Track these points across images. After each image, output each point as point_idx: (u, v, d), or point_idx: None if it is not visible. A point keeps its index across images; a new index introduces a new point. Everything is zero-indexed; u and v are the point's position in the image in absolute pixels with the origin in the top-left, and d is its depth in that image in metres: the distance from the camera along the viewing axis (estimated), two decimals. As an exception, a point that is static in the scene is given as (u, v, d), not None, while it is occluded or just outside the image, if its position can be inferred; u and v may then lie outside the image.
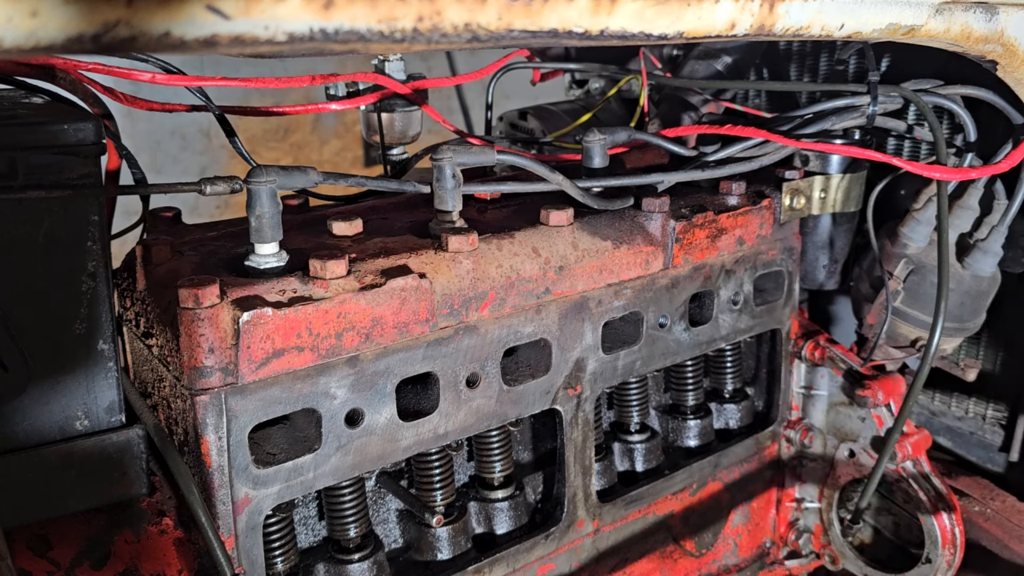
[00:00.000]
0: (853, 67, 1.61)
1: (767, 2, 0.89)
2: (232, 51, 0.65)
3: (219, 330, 0.91)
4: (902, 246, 1.42)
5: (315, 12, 0.62)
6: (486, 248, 1.11)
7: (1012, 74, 1.19)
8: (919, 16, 1.03)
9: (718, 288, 1.36)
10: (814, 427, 1.57)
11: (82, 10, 0.52)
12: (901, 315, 1.44)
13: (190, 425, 0.94)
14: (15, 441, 0.90)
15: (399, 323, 1.02)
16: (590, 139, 1.25)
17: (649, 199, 1.25)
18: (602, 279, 1.21)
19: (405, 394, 1.10)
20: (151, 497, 1.00)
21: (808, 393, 1.57)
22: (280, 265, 1.01)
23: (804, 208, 1.45)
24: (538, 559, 1.25)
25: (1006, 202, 1.36)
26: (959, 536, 1.41)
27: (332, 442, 1.01)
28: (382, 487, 1.21)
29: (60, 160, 0.86)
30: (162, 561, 0.97)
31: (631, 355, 1.28)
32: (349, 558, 1.13)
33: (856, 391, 1.49)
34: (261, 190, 0.96)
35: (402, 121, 1.41)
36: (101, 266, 0.91)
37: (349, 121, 3.71)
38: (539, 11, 0.73)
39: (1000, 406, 1.62)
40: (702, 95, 1.59)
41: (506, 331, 1.13)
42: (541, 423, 1.38)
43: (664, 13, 0.81)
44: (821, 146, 1.31)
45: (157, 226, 1.18)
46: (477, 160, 1.12)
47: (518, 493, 1.27)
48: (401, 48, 0.73)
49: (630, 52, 1.72)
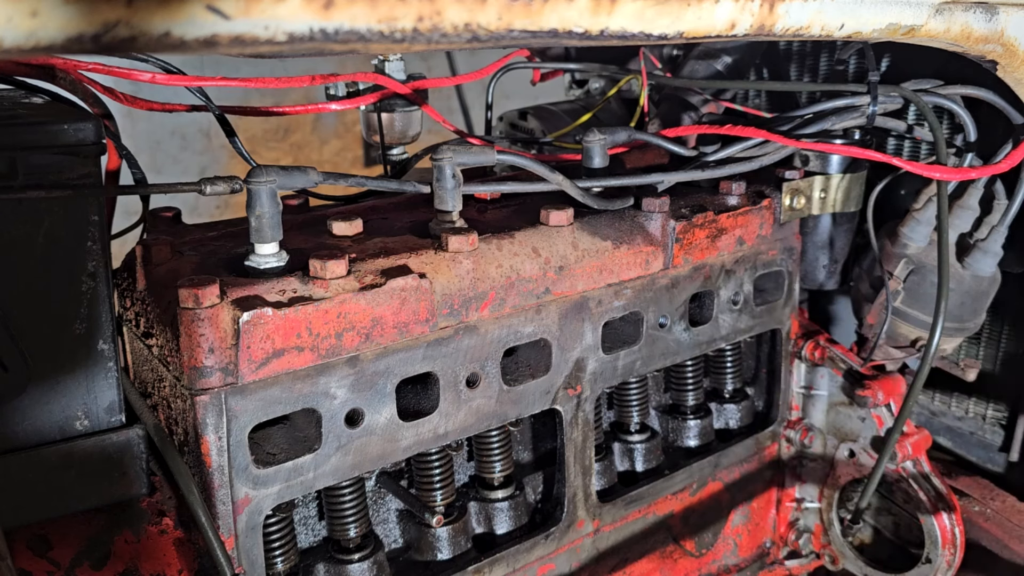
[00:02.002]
0: (853, 67, 1.61)
1: (767, 2, 0.89)
2: (232, 51, 0.65)
3: (219, 330, 0.91)
4: (902, 246, 1.42)
5: (315, 12, 0.62)
6: (486, 248, 1.11)
7: (1012, 74, 1.19)
8: (919, 16, 1.03)
9: (718, 288, 1.36)
10: (814, 427, 1.57)
11: (82, 10, 0.52)
12: (901, 315, 1.44)
13: (190, 425, 0.94)
14: (15, 441, 0.90)
15: (399, 323, 1.02)
16: (590, 139, 1.25)
17: (649, 199, 1.25)
18: (602, 279, 1.21)
19: (405, 394, 1.10)
20: (151, 497, 1.00)
21: (808, 393, 1.57)
22: (280, 265, 1.01)
23: (804, 208, 1.45)
24: (538, 559, 1.25)
25: (1006, 202, 1.36)
26: (959, 536, 1.42)
27: (332, 442, 1.01)
28: (382, 487, 1.21)
29: (60, 160, 0.86)
30: (162, 561, 0.97)
31: (631, 355, 1.28)
32: (349, 558, 1.13)
33: (856, 391, 1.49)
34: (261, 190, 0.96)
35: (402, 121, 1.41)
36: (101, 266, 0.91)
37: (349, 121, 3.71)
38: (539, 11, 0.73)
39: (1000, 406, 1.62)
40: (702, 95, 1.59)
41: (506, 331, 1.13)
42: (541, 423, 1.38)
43: (664, 13, 0.81)
44: (821, 146, 1.31)
45: (157, 226, 1.18)
46: (477, 160, 1.12)
47: (518, 493, 1.27)
48: (401, 48, 0.73)
49: (630, 52, 1.72)
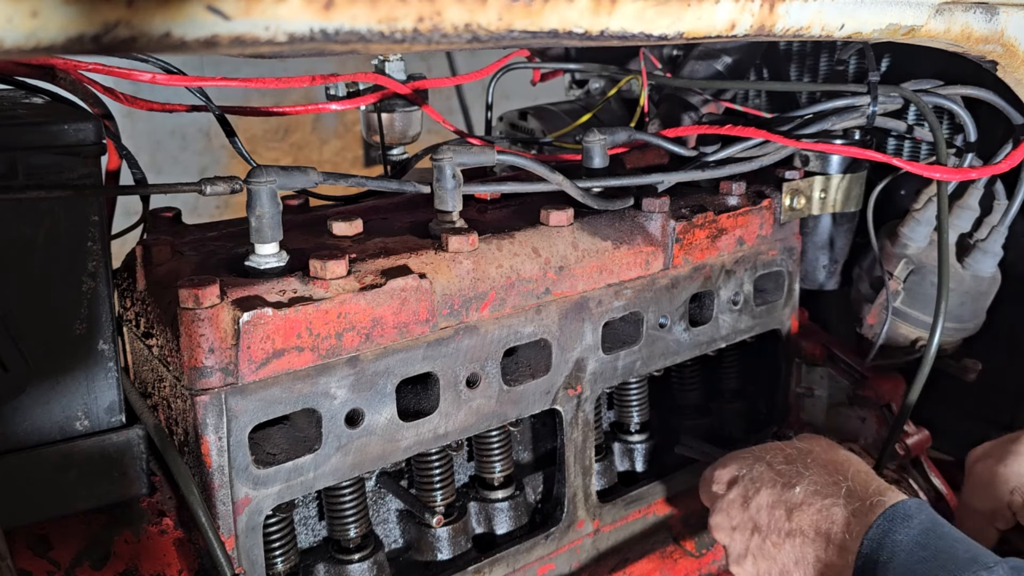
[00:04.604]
0: (853, 67, 1.61)
1: (767, 2, 0.89)
2: (232, 51, 0.65)
3: (219, 330, 0.91)
4: (902, 246, 1.42)
5: (315, 12, 0.62)
6: (486, 248, 1.11)
7: (1012, 74, 1.19)
8: (919, 16, 1.03)
9: (718, 288, 1.36)
10: (814, 427, 1.57)
11: (82, 10, 0.52)
12: (901, 315, 1.44)
13: (190, 425, 0.94)
14: (15, 441, 0.90)
15: (399, 323, 1.03)
16: (590, 139, 1.25)
17: (649, 199, 1.25)
18: (602, 279, 1.21)
19: (405, 394, 1.10)
20: (151, 497, 1.00)
21: (808, 393, 1.57)
22: (280, 265, 1.01)
23: (804, 208, 1.45)
24: (538, 559, 1.25)
25: (1006, 202, 1.36)
26: (959, 536, 1.41)
27: (332, 442, 1.01)
28: (382, 487, 1.21)
29: (60, 160, 0.86)
30: (162, 561, 0.97)
31: (631, 355, 1.28)
32: (349, 558, 1.13)
33: (856, 391, 1.49)
34: (261, 190, 0.96)
35: (402, 121, 1.41)
36: (101, 266, 0.91)
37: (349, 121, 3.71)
38: (539, 11, 0.73)
39: (1000, 406, 1.62)
40: (702, 95, 1.59)
41: (506, 331, 1.13)
42: (541, 423, 1.38)
43: (664, 13, 0.81)
44: (821, 146, 1.31)
45: (157, 226, 1.18)
46: (477, 160, 1.12)
47: (518, 493, 1.27)
48: (401, 48, 0.73)
49: (630, 52, 1.72)
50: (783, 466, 1.14)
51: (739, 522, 1.14)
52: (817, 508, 1.06)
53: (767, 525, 1.10)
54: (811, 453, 1.15)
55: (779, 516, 1.09)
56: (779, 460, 1.15)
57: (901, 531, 0.97)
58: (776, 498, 1.11)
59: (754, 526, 1.12)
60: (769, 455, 1.18)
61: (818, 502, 1.07)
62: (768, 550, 1.10)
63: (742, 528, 1.14)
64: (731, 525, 1.16)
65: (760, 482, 1.14)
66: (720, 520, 1.17)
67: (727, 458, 1.23)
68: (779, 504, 1.10)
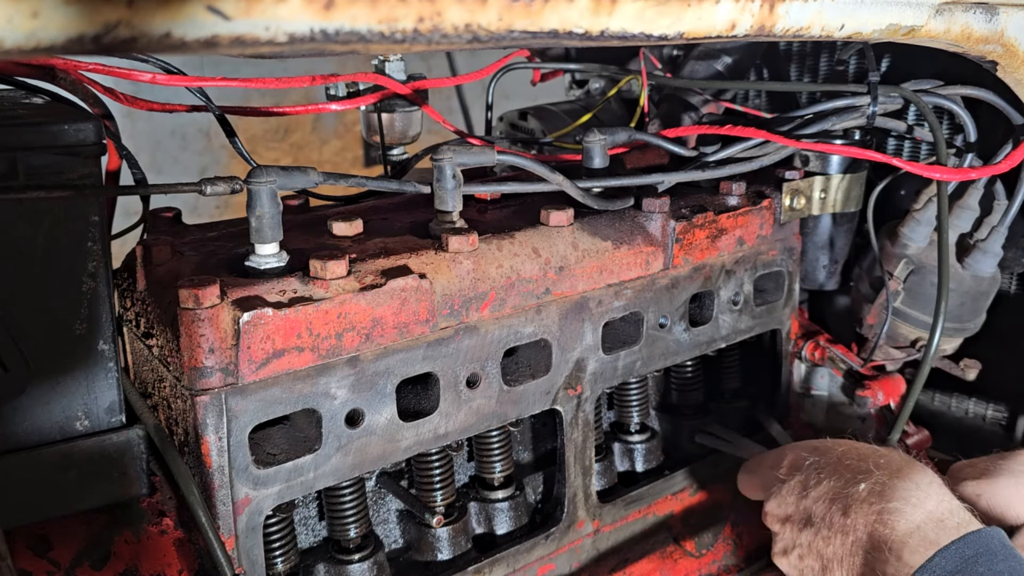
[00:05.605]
0: (853, 67, 1.61)
1: (767, 3, 0.89)
2: (233, 52, 0.65)
3: (219, 330, 0.91)
4: (902, 246, 1.42)
5: (316, 13, 0.62)
6: (486, 248, 1.11)
7: (1012, 74, 1.19)
8: (919, 17, 1.03)
9: (718, 288, 1.36)
10: (814, 427, 1.57)
11: (83, 11, 0.52)
12: (901, 315, 1.44)
13: (190, 425, 0.94)
14: (15, 441, 0.90)
15: (399, 323, 1.03)
16: (590, 139, 1.25)
17: (649, 199, 1.25)
18: (602, 279, 1.21)
19: (405, 394, 1.10)
20: (151, 497, 1.00)
21: (808, 393, 1.57)
22: (280, 265, 1.01)
23: (804, 208, 1.45)
24: (538, 559, 1.25)
25: (1006, 202, 1.36)
26: (959, 536, 1.41)
27: (332, 442, 1.01)
28: (382, 487, 1.21)
29: (60, 160, 0.86)
30: (162, 561, 0.97)
31: (631, 355, 1.28)
32: (349, 558, 1.13)
33: (856, 391, 1.49)
34: (261, 190, 0.96)
35: (402, 121, 1.41)
36: (101, 266, 0.91)
37: (349, 121, 3.72)
38: (539, 12, 0.73)
39: (1000, 406, 1.62)
40: (702, 95, 1.59)
41: (506, 331, 1.13)
42: (541, 423, 1.38)
43: (664, 14, 0.81)
44: (821, 146, 1.31)
45: (157, 226, 1.18)
46: (477, 160, 1.12)
47: (518, 493, 1.27)
48: (401, 49, 0.73)
49: (630, 52, 1.72)
50: (853, 461, 1.09)
51: (793, 512, 1.09)
52: (878, 510, 1.01)
53: (821, 518, 1.05)
54: (886, 456, 1.10)
55: (835, 511, 1.04)
56: (852, 455, 1.10)
57: (983, 564, 0.92)
58: (838, 491, 1.06)
59: (807, 519, 1.07)
60: (842, 447, 1.13)
61: (880, 504, 1.02)
62: (817, 546, 1.05)
63: (794, 521, 1.09)
64: (784, 514, 1.11)
65: (825, 472, 1.09)
66: (774, 507, 1.13)
67: (793, 444, 1.19)
68: (839, 498, 1.05)
